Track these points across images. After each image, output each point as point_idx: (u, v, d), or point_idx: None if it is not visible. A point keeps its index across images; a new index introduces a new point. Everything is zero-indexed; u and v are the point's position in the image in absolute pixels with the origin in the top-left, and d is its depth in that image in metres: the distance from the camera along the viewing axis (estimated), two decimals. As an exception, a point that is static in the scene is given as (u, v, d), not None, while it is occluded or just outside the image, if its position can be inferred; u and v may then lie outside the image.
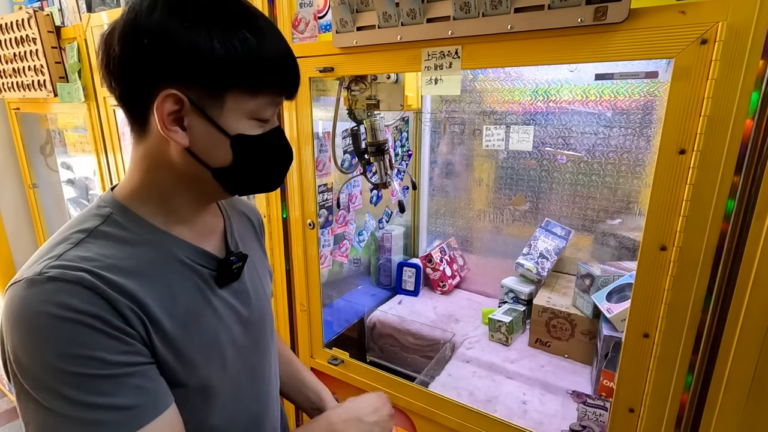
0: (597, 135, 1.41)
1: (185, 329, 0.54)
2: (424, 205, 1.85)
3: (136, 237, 0.54)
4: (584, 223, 1.51)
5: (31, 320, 0.44)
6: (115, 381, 0.46)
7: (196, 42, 0.48)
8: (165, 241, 0.56)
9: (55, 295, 0.45)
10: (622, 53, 0.66)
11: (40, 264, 0.47)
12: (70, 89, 1.53)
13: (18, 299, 0.45)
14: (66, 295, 0.45)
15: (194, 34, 0.48)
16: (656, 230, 0.68)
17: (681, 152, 0.64)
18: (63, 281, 0.45)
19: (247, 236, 0.72)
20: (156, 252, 0.54)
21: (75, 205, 2.43)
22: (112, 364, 0.45)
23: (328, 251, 1.37)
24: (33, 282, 0.45)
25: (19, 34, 1.54)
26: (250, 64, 0.51)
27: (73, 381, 0.44)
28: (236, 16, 0.51)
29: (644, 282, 0.71)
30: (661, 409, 0.74)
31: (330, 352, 1.20)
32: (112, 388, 0.45)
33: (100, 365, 0.45)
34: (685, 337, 0.70)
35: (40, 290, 0.45)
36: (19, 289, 0.46)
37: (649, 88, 1.30)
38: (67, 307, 0.44)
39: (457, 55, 0.80)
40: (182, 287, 0.56)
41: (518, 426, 0.91)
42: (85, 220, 0.54)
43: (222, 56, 0.48)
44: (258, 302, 0.67)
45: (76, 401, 0.44)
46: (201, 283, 0.58)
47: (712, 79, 0.60)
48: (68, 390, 0.44)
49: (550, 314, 1.34)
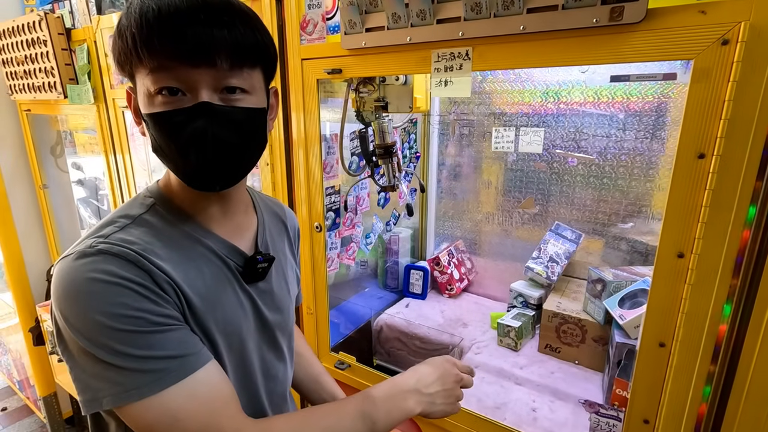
0: (609, 137, 1.38)
1: (212, 311, 0.57)
2: (431, 207, 1.84)
3: (173, 227, 0.58)
4: (595, 227, 1.48)
5: (81, 285, 0.49)
6: (161, 335, 0.50)
7: (119, 29, 0.50)
8: (198, 232, 0.59)
9: (102, 264, 0.49)
10: (639, 54, 0.64)
11: (88, 240, 0.52)
12: (80, 91, 1.54)
13: (69, 269, 0.50)
14: (112, 264, 0.50)
15: (120, 22, 0.51)
16: (674, 237, 0.66)
17: (700, 156, 0.62)
18: (110, 254, 0.50)
19: (278, 239, 0.73)
20: (191, 241, 0.58)
21: (85, 205, 2.45)
22: (155, 322, 0.50)
23: (335, 254, 1.36)
24: (83, 254, 0.50)
25: (30, 36, 1.56)
26: (131, 32, 0.49)
27: (124, 337, 0.48)
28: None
29: (661, 290, 0.69)
30: (677, 421, 0.72)
31: (337, 356, 1.19)
32: (159, 342, 0.50)
33: (144, 323, 0.49)
34: (704, 346, 0.67)
35: (90, 260, 0.49)
36: (69, 260, 0.50)
37: (663, 90, 1.27)
38: (113, 274, 0.49)
39: (468, 56, 0.78)
40: (211, 273, 0.59)
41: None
42: (131, 207, 0.58)
43: (121, 34, 0.50)
44: (280, 304, 0.69)
45: (129, 355, 0.48)
46: (229, 274, 0.61)
47: (733, 81, 0.58)
48: (120, 345, 0.48)
49: (561, 320, 1.31)
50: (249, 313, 0.63)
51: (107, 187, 1.69)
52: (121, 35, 0.50)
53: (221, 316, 0.58)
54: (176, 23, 0.47)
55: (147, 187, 0.62)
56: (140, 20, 0.47)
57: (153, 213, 0.58)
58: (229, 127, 0.52)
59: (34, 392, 2.17)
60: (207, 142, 0.51)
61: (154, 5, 0.48)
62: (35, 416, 2.36)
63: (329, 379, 0.86)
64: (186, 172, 0.54)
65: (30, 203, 2.03)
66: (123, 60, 0.52)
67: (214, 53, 0.48)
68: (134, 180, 1.57)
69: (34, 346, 2.02)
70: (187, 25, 0.47)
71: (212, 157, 0.52)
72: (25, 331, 2.04)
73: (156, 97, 0.50)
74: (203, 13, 0.48)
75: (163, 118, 0.51)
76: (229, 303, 0.60)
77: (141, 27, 0.48)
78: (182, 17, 0.47)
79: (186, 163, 0.53)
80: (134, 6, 0.49)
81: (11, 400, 2.51)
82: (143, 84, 0.51)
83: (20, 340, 2.11)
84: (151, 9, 0.47)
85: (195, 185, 0.55)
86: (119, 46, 0.51)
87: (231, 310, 0.60)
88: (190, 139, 0.51)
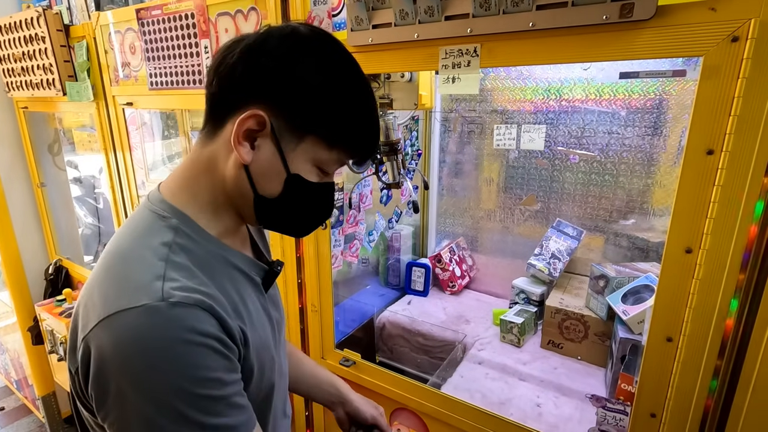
0: (611, 134, 1.39)
1: (259, 337, 0.58)
2: (433, 204, 1.84)
3: (205, 251, 0.54)
4: (596, 224, 1.49)
5: (159, 347, 0.44)
6: (229, 401, 0.48)
7: (294, 74, 0.50)
8: (225, 252, 0.57)
9: (183, 321, 0.45)
10: (649, 51, 0.64)
11: (147, 289, 0.46)
12: (79, 88, 1.52)
13: (139, 328, 0.44)
14: (193, 319, 0.46)
15: (296, 65, 0.50)
16: (682, 232, 0.67)
17: (709, 153, 0.63)
18: (185, 305, 0.46)
19: (261, 240, 0.73)
20: (223, 264, 0.56)
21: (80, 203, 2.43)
22: (226, 384, 0.48)
23: (338, 251, 1.36)
24: (156, 309, 0.44)
25: (27, 33, 1.54)
26: (353, 125, 0.54)
27: (200, 403, 0.45)
28: (355, 71, 0.54)
29: (668, 285, 0.70)
30: (684, 415, 0.73)
31: (341, 353, 1.19)
32: (226, 409, 0.47)
33: (219, 386, 0.47)
34: (711, 341, 0.68)
35: (167, 317, 0.45)
36: (133, 318, 0.44)
37: (665, 87, 1.28)
38: (195, 331, 0.45)
39: (476, 53, 0.78)
40: (250, 298, 0.58)
41: (534, 429, 0.89)
42: (155, 232, 0.52)
43: (319, 97, 0.51)
44: (278, 300, 0.71)
45: (201, 423, 0.45)
46: (257, 291, 0.61)
47: (743, 77, 0.58)
48: (195, 413, 0.45)
49: (563, 316, 1.32)
50: (267, 321, 0.63)
51: (107, 186, 1.67)
52: (356, 117, 0.54)
53: (258, 337, 0.58)
54: (377, 139, 0.59)
55: (154, 201, 0.55)
56: (374, 124, 0.57)
57: (182, 236, 0.53)
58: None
59: (32, 392, 2.16)
60: (329, 211, 0.63)
61: (375, 110, 0.57)
62: (33, 416, 2.34)
63: (322, 370, 0.88)
64: (299, 228, 0.63)
65: (27, 202, 2.01)
66: (327, 129, 0.53)
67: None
68: (135, 177, 1.56)
69: (33, 346, 2.00)
70: (377, 141, 0.59)
71: (323, 220, 0.64)
72: (23, 331, 2.02)
73: (314, 168, 0.55)
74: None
75: (317, 190, 0.57)
76: (259, 321, 0.59)
77: (370, 134, 0.57)
78: (378, 133, 0.59)
79: (307, 221, 0.62)
80: (365, 100, 0.55)
81: (9, 399, 2.50)
82: (312, 152, 0.54)
83: (18, 340, 2.09)
84: (377, 118, 0.58)
85: (295, 235, 0.70)
86: (348, 124, 0.54)
87: (261, 328, 0.60)
88: (324, 208, 0.61)
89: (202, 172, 0.55)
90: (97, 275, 0.50)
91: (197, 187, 0.56)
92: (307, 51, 0.51)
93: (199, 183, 0.56)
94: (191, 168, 0.56)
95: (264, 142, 0.52)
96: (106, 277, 0.49)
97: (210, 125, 0.55)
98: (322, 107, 0.52)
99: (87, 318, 0.47)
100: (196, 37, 1.17)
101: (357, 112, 0.54)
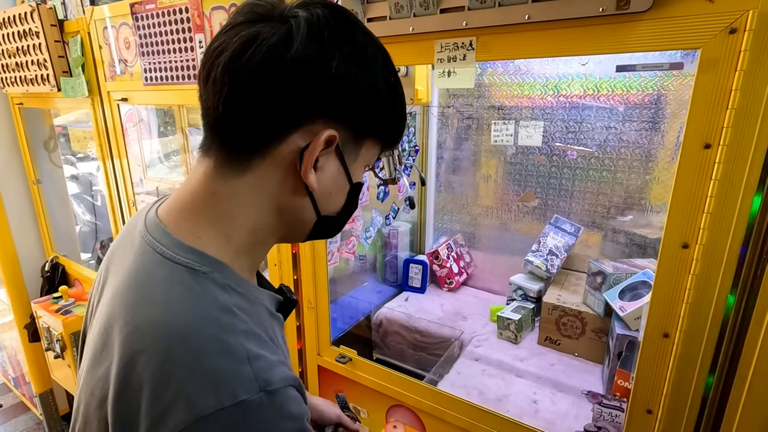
0: (609, 130, 1.38)
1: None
2: (430, 201, 1.83)
3: (250, 303, 0.46)
4: (594, 220, 1.49)
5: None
6: None
7: (361, 79, 0.45)
8: (260, 295, 0.49)
9: (283, 409, 0.40)
10: (646, 44, 0.63)
11: (238, 380, 0.38)
12: (73, 83, 1.51)
13: (241, 425, 0.37)
14: (291, 403, 0.41)
15: (358, 69, 0.44)
16: (679, 227, 0.66)
17: (706, 147, 0.62)
18: (282, 390, 0.40)
19: None
20: (261, 311, 0.48)
21: (79, 201, 2.42)
22: None
23: (335, 248, 1.36)
24: (257, 405, 0.38)
25: (21, 28, 1.53)
26: (399, 112, 0.50)
27: None
28: (384, 54, 0.48)
29: (665, 280, 0.69)
30: (680, 411, 0.72)
31: (337, 350, 1.19)
32: None
33: None
34: (707, 337, 0.68)
35: (269, 410, 0.39)
36: (232, 418, 0.37)
37: (663, 82, 1.27)
38: (294, 417, 0.41)
39: (472, 46, 0.77)
40: (282, 337, 0.53)
41: (530, 426, 0.89)
42: (203, 296, 0.43)
43: (382, 99, 0.47)
44: None
45: None
46: (280, 325, 0.53)
47: (740, 70, 0.58)
48: None
49: (561, 312, 1.32)
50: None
51: (102, 183, 1.66)
52: (400, 104, 0.50)
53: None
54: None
55: (173, 248, 0.45)
56: (404, 106, 0.52)
57: (230, 293, 0.44)
58: None
59: (29, 389, 2.15)
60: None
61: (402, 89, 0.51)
62: (31, 413, 2.34)
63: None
64: (335, 231, 0.56)
65: (23, 199, 2.00)
66: (382, 126, 0.50)
67: None
68: (131, 175, 1.55)
69: (30, 343, 2.00)
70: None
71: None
72: (19, 328, 2.02)
73: (364, 168, 0.53)
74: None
75: (361, 188, 0.54)
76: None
77: (405, 113, 0.52)
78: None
79: (344, 224, 0.56)
80: (397, 85, 0.50)
81: (6, 397, 2.50)
82: (368, 155, 0.51)
83: (15, 337, 2.09)
84: (402, 94, 0.51)
85: (328, 237, 0.58)
86: (395, 113, 0.50)
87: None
88: (356, 204, 0.55)
89: (237, 209, 0.46)
90: (150, 365, 0.40)
91: (230, 226, 0.47)
92: (342, 42, 0.43)
93: (234, 221, 0.47)
94: (214, 204, 0.46)
95: (327, 161, 0.46)
96: (173, 369, 0.39)
97: (234, 156, 0.45)
98: (377, 107, 0.47)
99: (157, 420, 0.38)
100: (191, 32, 1.16)
101: (400, 100, 0.50)
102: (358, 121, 0.47)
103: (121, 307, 0.44)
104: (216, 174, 0.46)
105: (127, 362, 0.41)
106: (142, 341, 0.41)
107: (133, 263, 0.46)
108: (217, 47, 0.43)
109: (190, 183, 0.48)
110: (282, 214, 0.49)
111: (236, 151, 0.46)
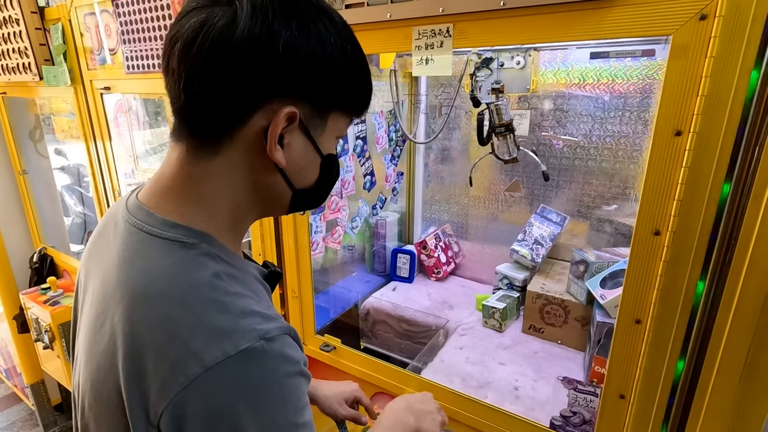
0: (594, 119, 1.38)
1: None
2: (419, 191, 1.84)
3: (240, 271, 0.49)
4: (580, 209, 1.49)
5: (270, 388, 0.42)
6: (312, 426, 0.46)
7: (313, 53, 0.44)
8: (249, 266, 0.53)
9: (283, 354, 0.43)
10: (618, 31, 0.63)
11: (239, 331, 0.42)
12: (56, 72, 1.49)
13: (248, 374, 0.41)
14: (289, 348, 0.44)
15: (309, 43, 0.44)
16: (650, 215, 0.67)
17: (677, 134, 0.62)
18: (279, 337, 0.44)
19: None
20: (250, 279, 0.51)
21: (70, 192, 2.40)
22: (306, 407, 0.46)
23: (320, 237, 1.36)
24: (260, 351, 0.42)
25: (1, 15, 1.50)
26: (362, 82, 0.50)
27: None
28: (340, 26, 0.47)
29: (637, 267, 0.70)
30: (651, 395, 0.73)
31: (322, 338, 1.20)
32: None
33: (307, 411, 0.46)
34: (678, 322, 0.69)
35: (271, 354, 0.42)
36: (238, 365, 0.41)
37: (648, 72, 1.27)
38: (293, 360, 0.44)
39: (449, 33, 0.77)
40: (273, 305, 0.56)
41: (509, 412, 0.90)
42: (192, 264, 0.45)
43: (340, 71, 0.47)
44: None
45: None
46: (269, 296, 0.56)
47: (710, 56, 0.57)
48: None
49: (544, 300, 1.33)
50: None
51: (89, 173, 1.65)
52: (361, 72, 0.50)
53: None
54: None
55: (159, 225, 0.47)
56: (367, 75, 0.51)
57: (220, 262, 0.47)
58: None
59: (21, 380, 2.16)
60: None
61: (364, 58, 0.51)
62: (23, 404, 2.35)
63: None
64: (322, 199, 0.58)
65: (9, 189, 1.98)
66: (344, 98, 0.50)
67: None
68: (115, 165, 1.54)
69: (19, 334, 2.00)
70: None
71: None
72: (9, 319, 2.01)
73: (335, 139, 0.53)
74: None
75: (337, 157, 0.55)
76: None
77: (369, 82, 0.52)
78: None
79: (329, 190, 0.57)
80: (357, 54, 0.49)
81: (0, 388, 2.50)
82: (336, 126, 0.51)
83: (5, 329, 2.08)
84: (365, 63, 0.51)
85: (318, 206, 0.62)
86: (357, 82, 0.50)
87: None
88: (338, 170, 0.57)
89: (215, 189, 0.48)
90: (153, 331, 0.42)
91: (210, 205, 0.48)
92: (289, 18, 0.43)
93: (213, 201, 0.48)
94: (192, 185, 0.48)
95: (293, 137, 0.47)
96: (175, 330, 0.41)
97: (203, 140, 0.46)
98: (334, 79, 0.47)
99: (167, 378, 0.41)
100: (172, 19, 1.14)
101: (360, 69, 0.50)
102: (318, 95, 0.47)
103: (116, 284, 0.46)
104: (189, 157, 0.48)
105: (130, 332, 0.43)
106: (141, 310, 0.43)
107: (121, 244, 0.48)
108: (173, 36, 0.44)
109: (166, 167, 0.50)
110: (258, 191, 0.50)
111: (204, 136, 0.47)
